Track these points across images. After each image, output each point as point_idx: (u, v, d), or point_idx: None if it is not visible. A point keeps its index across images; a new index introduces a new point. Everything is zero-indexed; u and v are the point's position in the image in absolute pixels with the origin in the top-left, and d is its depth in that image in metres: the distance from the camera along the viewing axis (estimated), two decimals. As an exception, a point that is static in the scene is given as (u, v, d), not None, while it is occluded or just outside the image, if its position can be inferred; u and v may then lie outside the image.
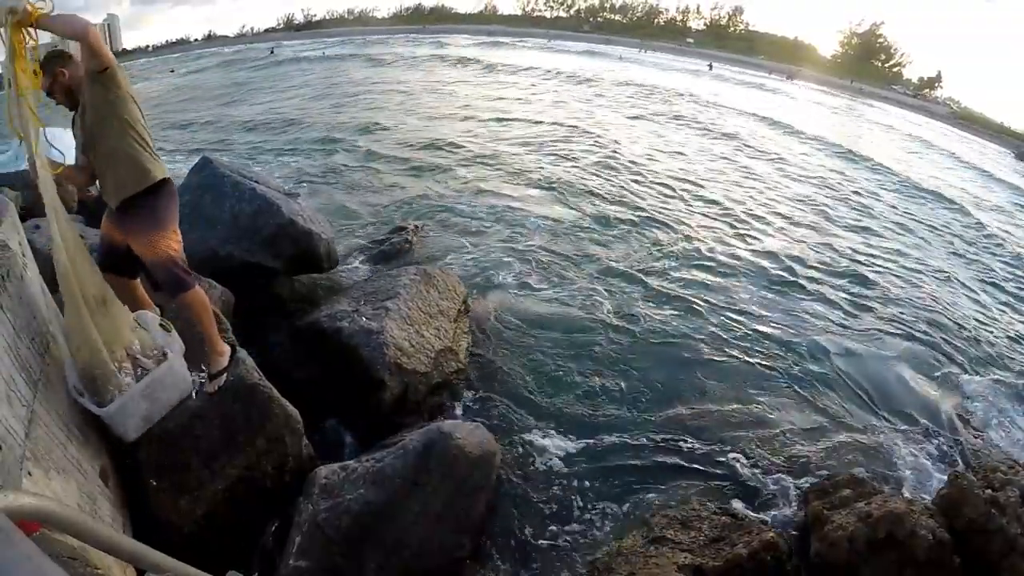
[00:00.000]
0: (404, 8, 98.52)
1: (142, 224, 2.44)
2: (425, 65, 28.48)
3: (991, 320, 6.63)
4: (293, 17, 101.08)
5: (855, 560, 2.74)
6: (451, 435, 2.86)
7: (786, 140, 17.15)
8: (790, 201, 10.23)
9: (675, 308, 5.62)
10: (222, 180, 4.75)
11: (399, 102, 17.21)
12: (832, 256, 7.71)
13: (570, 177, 9.73)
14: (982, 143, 34.22)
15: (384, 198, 8.28)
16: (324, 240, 5.04)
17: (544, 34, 63.72)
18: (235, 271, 4.33)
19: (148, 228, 2.43)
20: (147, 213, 2.43)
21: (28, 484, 1.53)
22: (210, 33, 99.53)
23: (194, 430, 2.48)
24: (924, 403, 4.67)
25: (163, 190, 2.48)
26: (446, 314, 4.33)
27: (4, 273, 1.94)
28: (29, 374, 1.87)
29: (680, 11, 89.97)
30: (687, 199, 9.41)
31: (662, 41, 68.97)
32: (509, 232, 7.17)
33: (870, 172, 14.43)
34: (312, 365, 3.77)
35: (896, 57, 69.67)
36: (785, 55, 65.52)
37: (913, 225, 10.25)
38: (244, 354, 2.82)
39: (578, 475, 3.52)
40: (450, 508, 2.73)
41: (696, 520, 3.05)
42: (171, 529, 2.41)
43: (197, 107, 18.00)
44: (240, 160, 9.79)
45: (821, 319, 5.84)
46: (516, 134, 13.23)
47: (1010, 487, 2.87)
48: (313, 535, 2.51)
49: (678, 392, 4.38)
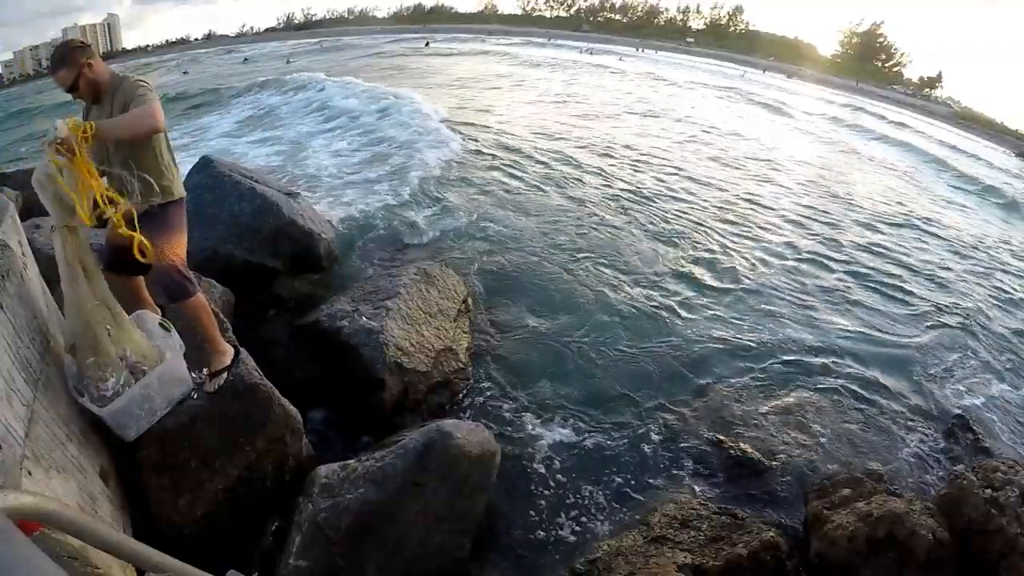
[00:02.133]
0: (404, 8, 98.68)
1: (151, 230, 2.44)
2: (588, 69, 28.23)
3: (991, 320, 6.62)
4: (293, 17, 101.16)
5: (855, 560, 2.74)
6: (451, 435, 2.86)
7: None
8: (791, 194, 10.25)
9: (676, 309, 5.61)
10: (222, 180, 4.76)
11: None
12: (833, 255, 7.71)
13: (570, 170, 9.73)
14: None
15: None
16: (324, 240, 5.05)
17: (544, 34, 63.74)
18: (235, 271, 4.34)
19: (157, 234, 2.44)
20: (158, 222, 2.45)
21: (28, 484, 1.53)
22: (210, 33, 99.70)
23: (194, 430, 2.48)
24: (924, 403, 4.67)
25: (180, 200, 2.54)
26: (446, 314, 4.33)
27: (4, 272, 1.94)
28: (29, 373, 1.87)
29: (680, 11, 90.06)
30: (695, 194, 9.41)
31: (662, 41, 69.01)
32: (510, 231, 7.17)
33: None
34: (312, 365, 3.77)
35: (896, 57, 69.74)
36: (785, 55, 65.56)
37: (917, 223, 10.26)
38: (245, 354, 2.82)
39: (578, 475, 3.52)
40: (450, 508, 2.73)
41: (696, 520, 3.06)
42: (171, 529, 2.42)
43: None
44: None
45: (820, 319, 5.84)
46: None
47: (1010, 487, 2.87)
48: (313, 535, 2.51)
49: (679, 392, 4.37)
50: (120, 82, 2.32)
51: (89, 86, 2.28)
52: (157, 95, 2.31)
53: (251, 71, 27.42)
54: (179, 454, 2.45)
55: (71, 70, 2.21)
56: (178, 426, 2.46)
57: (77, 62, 2.22)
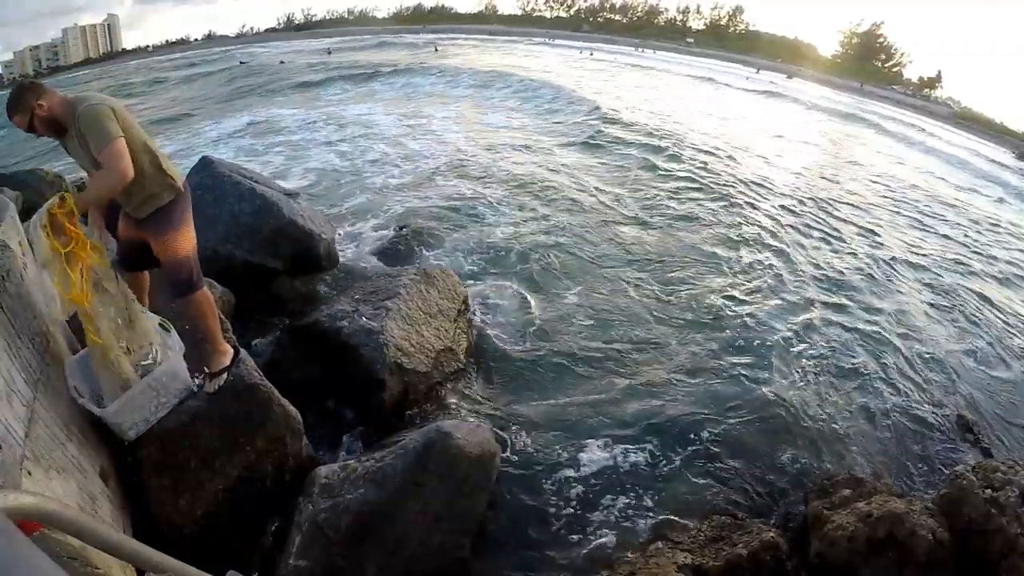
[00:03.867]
0: (404, 8, 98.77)
1: (157, 227, 2.47)
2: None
3: (992, 320, 6.62)
4: (293, 17, 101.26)
5: (855, 560, 2.74)
6: (451, 435, 2.86)
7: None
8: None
9: (676, 310, 5.62)
10: (222, 180, 4.76)
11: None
12: (835, 257, 7.71)
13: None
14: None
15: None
16: (324, 240, 5.05)
17: (545, 34, 63.75)
18: (235, 271, 4.34)
19: (163, 230, 2.46)
20: (162, 221, 2.46)
21: (28, 484, 1.53)
22: (210, 33, 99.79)
23: (194, 430, 2.48)
24: (924, 402, 4.67)
25: (179, 196, 2.52)
26: (446, 314, 4.33)
27: (4, 273, 1.95)
28: (29, 373, 1.87)
29: (680, 11, 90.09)
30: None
31: (662, 41, 69.06)
32: (510, 229, 7.18)
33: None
34: (312, 365, 3.77)
35: (896, 57, 69.70)
36: (785, 54, 65.58)
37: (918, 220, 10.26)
38: (245, 354, 2.82)
39: (578, 475, 3.52)
40: (450, 508, 2.73)
41: (696, 520, 3.06)
42: (171, 529, 2.42)
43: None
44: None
45: (820, 319, 5.84)
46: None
47: (1010, 487, 2.87)
48: (313, 535, 2.51)
49: (679, 393, 4.37)
50: (75, 109, 2.22)
51: (45, 124, 2.22)
52: (110, 119, 2.19)
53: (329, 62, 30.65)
54: (179, 454, 2.45)
55: (23, 115, 2.17)
56: (178, 426, 2.46)
57: (28, 105, 2.17)
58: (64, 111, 2.23)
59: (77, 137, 2.23)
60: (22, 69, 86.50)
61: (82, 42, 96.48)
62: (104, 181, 2.18)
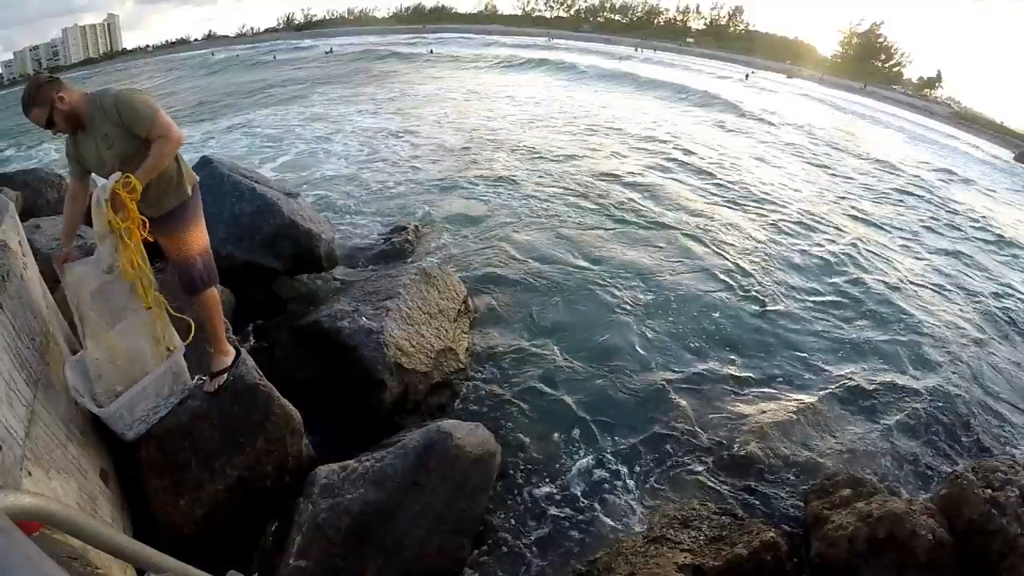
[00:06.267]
0: (404, 8, 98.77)
1: (170, 226, 2.47)
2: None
3: (993, 320, 6.62)
4: (293, 17, 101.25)
5: (855, 560, 2.74)
6: (451, 435, 2.86)
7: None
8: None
9: (677, 310, 5.62)
10: (222, 180, 4.75)
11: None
12: (835, 258, 7.70)
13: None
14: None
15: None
16: (324, 240, 5.04)
17: (545, 33, 63.75)
18: (235, 271, 4.33)
19: (175, 228, 2.47)
20: (177, 221, 2.47)
21: (28, 484, 1.53)
22: (210, 33, 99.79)
23: (194, 430, 2.49)
24: (924, 402, 4.66)
25: (195, 194, 2.54)
26: (446, 314, 4.33)
27: (4, 273, 1.95)
28: (29, 374, 1.87)
29: (680, 11, 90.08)
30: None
31: (662, 41, 69.07)
32: (510, 228, 7.17)
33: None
34: (312, 365, 3.77)
35: (896, 57, 69.70)
36: (785, 55, 65.57)
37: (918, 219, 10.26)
38: (245, 354, 2.82)
39: (578, 475, 3.52)
40: (450, 508, 2.73)
41: (696, 520, 3.05)
42: (171, 529, 2.42)
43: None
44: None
45: (820, 319, 5.84)
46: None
47: (1010, 487, 2.86)
48: (313, 535, 2.51)
49: (679, 393, 4.37)
50: (100, 100, 2.22)
51: (65, 118, 2.20)
52: (146, 98, 2.26)
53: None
54: (179, 454, 2.45)
55: (43, 108, 2.15)
56: (178, 426, 2.46)
57: (48, 99, 2.15)
58: (86, 105, 2.22)
59: (109, 127, 2.22)
60: (22, 69, 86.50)
61: (82, 42, 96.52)
62: (162, 148, 2.24)
